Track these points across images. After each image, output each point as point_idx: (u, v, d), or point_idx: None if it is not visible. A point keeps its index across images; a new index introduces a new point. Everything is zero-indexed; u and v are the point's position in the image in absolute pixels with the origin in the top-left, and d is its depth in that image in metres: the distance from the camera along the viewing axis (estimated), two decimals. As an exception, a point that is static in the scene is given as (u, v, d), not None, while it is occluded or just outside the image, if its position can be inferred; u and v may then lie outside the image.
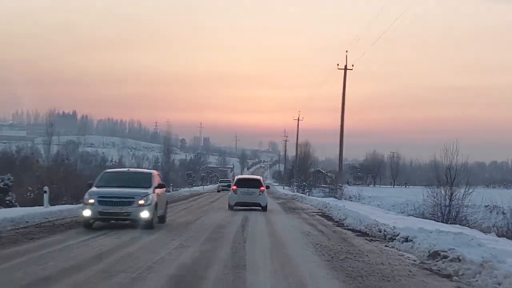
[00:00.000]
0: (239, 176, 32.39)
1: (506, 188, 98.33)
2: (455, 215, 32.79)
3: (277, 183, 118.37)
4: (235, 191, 26.61)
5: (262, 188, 26.62)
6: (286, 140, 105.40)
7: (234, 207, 26.30)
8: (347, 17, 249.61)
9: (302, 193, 77.04)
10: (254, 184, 26.93)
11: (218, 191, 60.04)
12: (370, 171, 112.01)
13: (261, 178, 28.99)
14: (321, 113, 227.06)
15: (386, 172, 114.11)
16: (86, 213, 15.09)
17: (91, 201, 15.15)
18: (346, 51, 38.38)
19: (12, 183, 24.48)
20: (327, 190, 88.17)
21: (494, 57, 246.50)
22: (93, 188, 15.94)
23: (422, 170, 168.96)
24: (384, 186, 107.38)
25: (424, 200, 33.34)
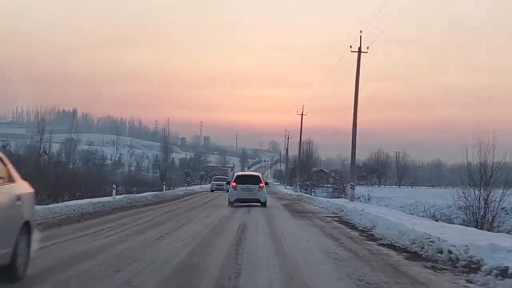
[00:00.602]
0: (239, 173, 32.21)
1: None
2: (491, 220, 27.89)
3: (279, 183, 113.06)
4: (235, 188, 26.55)
5: (261, 184, 26.73)
6: (288, 137, 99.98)
7: (234, 204, 26.19)
8: (350, 15, 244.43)
9: (306, 192, 71.89)
10: (254, 180, 27.02)
11: (212, 191, 53.92)
12: (374, 170, 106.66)
13: (260, 175, 28.94)
14: (321, 113, 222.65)
15: (391, 171, 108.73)
16: None
17: None
18: (361, 31, 33.31)
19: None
20: (330, 189, 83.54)
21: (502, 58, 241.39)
22: None
23: (424, 170, 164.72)
24: (389, 186, 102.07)
25: (455, 202, 28.31)
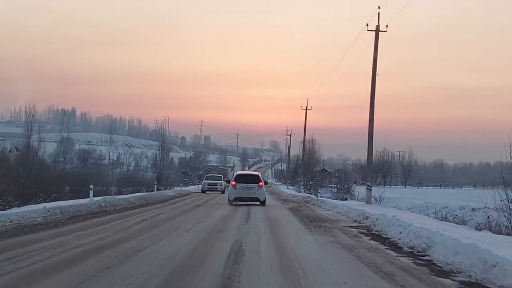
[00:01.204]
0: (239, 172, 32.30)
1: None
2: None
3: (280, 183, 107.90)
4: (235, 187, 26.53)
5: (260, 183, 26.76)
6: (290, 135, 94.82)
7: (234, 202, 26.18)
8: (350, 15, 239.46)
9: (310, 193, 66.98)
10: (253, 179, 27.06)
11: (204, 192, 44.77)
12: (379, 170, 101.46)
13: (260, 174, 29.03)
14: (322, 113, 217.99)
15: (396, 171, 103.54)
16: None
17: None
18: (379, 7, 28.23)
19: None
20: (334, 190, 78.81)
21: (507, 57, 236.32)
22: None
23: (427, 170, 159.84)
24: (394, 187, 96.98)
25: (497, 206, 23.25)
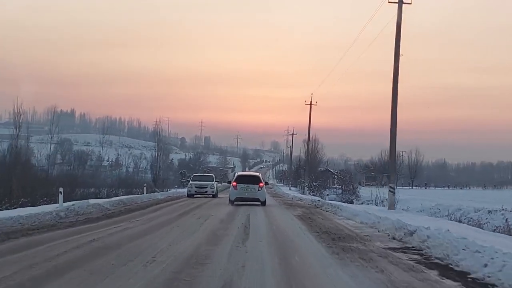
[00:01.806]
0: (239, 173, 32.17)
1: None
2: None
3: (282, 184, 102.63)
4: (235, 187, 26.57)
5: (261, 184, 26.74)
6: (292, 134, 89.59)
7: (235, 202, 26.15)
8: (351, 15, 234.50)
9: (313, 194, 61.96)
10: (254, 180, 27.02)
11: (190, 196, 34.57)
12: (385, 170, 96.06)
13: (260, 175, 28.90)
14: (322, 113, 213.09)
15: (402, 171, 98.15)
16: None
17: None
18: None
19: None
20: (339, 191, 74.16)
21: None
22: None
23: (429, 170, 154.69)
24: (401, 187, 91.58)
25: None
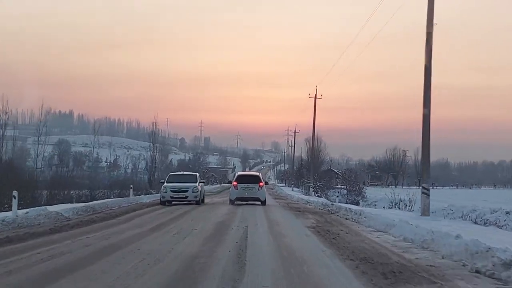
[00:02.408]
0: (240, 173, 32.25)
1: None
2: None
3: (284, 184, 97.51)
4: (236, 187, 26.40)
5: (261, 183, 26.60)
6: (294, 131, 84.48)
7: (235, 202, 25.90)
8: (351, 15, 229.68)
9: (318, 196, 57.02)
10: (254, 180, 26.92)
11: (164, 203, 25.09)
12: (390, 169, 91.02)
13: (260, 175, 28.87)
14: (322, 113, 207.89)
15: (409, 170, 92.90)
16: None
17: None
18: None
19: None
20: (344, 191, 69.46)
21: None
22: None
23: (432, 169, 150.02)
24: (407, 187, 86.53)
25: None
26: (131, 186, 33.46)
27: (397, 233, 12.63)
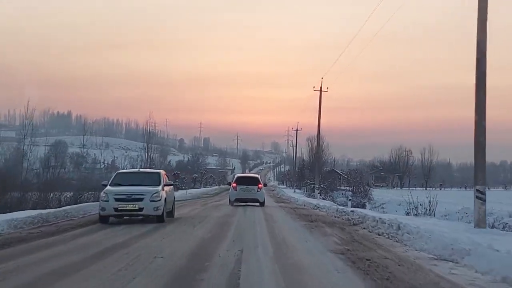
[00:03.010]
0: (239, 174, 32.46)
1: None
2: None
3: (285, 185, 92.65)
4: (235, 188, 26.66)
5: (260, 185, 26.86)
6: (297, 130, 79.68)
7: (234, 203, 26.01)
8: (351, 15, 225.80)
9: (323, 198, 52.37)
10: (253, 181, 27.22)
11: (105, 219, 15.60)
12: (395, 170, 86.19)
13: (259, 177, 29.40)
14: (322, 113, 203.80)
15: (415, 171, 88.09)
16: None
17: None
18: None
19: None
20: (348, 193, 64.99)
21: None
22: None
23: (432, 170, 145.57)
24: (413, 189, 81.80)
25: None
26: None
27: (479, 265, 7.81)
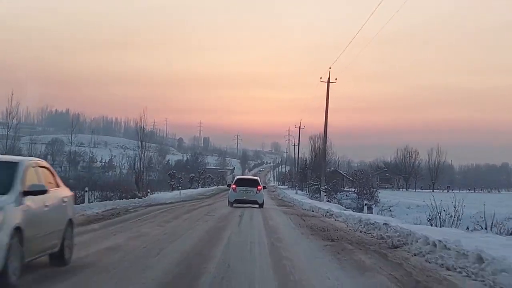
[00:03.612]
0: (239, 176, 33.52)
1: None
2: None
3: (286, 186, 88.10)
4: (235, 190, 26.67)
5: (259, 187, 27.07)
6: (299, 127, 75.39)
7: (234, 204, 25.84)
8: (351, 15, 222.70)
9: (328, 200, 48.00)
10: (252, 183, 27.47)
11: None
12: (401, 171, 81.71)
13: (259, 179, 29.75)
14: (321, 113, 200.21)
15: (422, 172, 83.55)
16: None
17: None
18: None
19: None
20: (353, 195, 61.00)
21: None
22: None
23: (442, 172, 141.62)
24: (420, 190, 77.37)
25: None
26: (85, 189, 24.32)
27: None
